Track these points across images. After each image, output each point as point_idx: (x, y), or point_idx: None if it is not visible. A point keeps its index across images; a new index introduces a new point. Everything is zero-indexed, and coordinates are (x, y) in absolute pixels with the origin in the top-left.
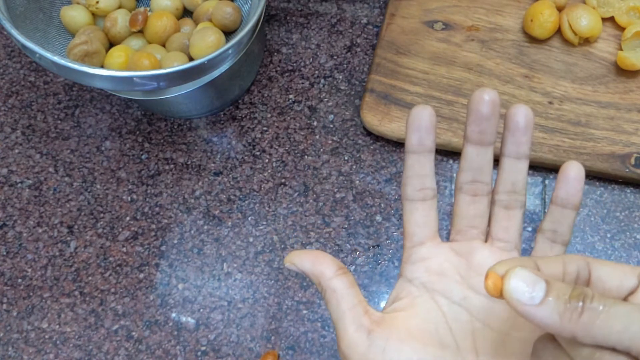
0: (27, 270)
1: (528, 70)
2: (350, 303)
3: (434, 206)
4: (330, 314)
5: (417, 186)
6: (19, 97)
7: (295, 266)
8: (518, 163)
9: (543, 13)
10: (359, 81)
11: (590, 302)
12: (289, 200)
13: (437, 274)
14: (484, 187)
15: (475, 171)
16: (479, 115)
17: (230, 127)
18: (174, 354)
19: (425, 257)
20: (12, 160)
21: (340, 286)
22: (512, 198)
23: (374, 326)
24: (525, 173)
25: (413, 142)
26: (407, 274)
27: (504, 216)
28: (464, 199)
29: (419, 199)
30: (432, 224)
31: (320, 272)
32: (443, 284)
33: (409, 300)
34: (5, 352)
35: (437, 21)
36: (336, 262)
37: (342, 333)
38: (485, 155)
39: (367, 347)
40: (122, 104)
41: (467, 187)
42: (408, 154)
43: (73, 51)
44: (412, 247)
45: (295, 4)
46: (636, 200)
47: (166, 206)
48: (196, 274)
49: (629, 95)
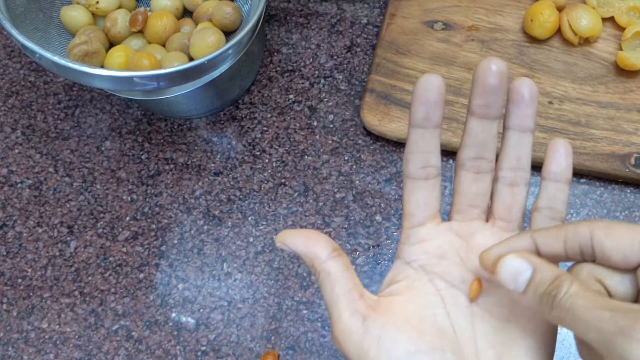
0: (27, 270)
1: (528, 70)
2: (345, 287)
3: (437, 185)
4: (324, 298)
5: (420, 164)
6: (19, 97)
7: (287, 246)
8: (523, 137)
9: (543, 13)
10: (359, 81)
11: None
12: (289, 200)
13: (436, 256)
14: (487, 164)
15: (479, 147)
16: (486, 87)
17: (230, 127)
18: (174, 354)
19: (425, 238)
20: (12, 160)
21: (335, 269)
22: (517, 175)
23: (370, 311)
24: (529, 148)
25: (419, 116)
26: (405, 256)
27: (508, 194)
28: (466, 176)
29: (421, 177)
30: (433, 205)
31: (314, 254)
32: (442, 267)
33: (407, 283)
34: (5, 352)
35: (437, 21)
36: (331, 242)
37: (337, 318)
38: (490, 130)
39: (362, 335)
40: (122, 104)
41: (470, 164)
42: (413, 128)
43: (73, 51)
44: (410, 228)
45: (295, 4)
46: (636, 200)
47: (166, 206)
48: (196, 274)
49: (629, 95)
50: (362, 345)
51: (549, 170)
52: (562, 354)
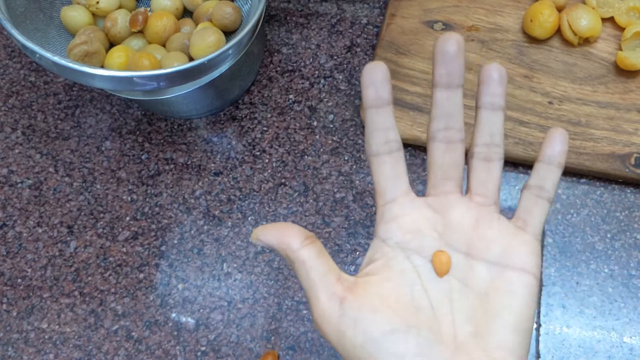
0: (27, 270)
1: (528, 71)
2: (321, 272)
3: (401, 159)
4: (302, 285)
5: (381, 139)
6: (19, 97)
7: (261, 241)
8: (494, 114)
9: (543, 13)
10: (359, 81)
11: None
12: (289, 200)
13: (412, 231)
14: (457, 134)
15: (447, 117)
16: (446, 55)
17: (230, 127)
18: (173, 354)
19: (399, 214)
20: (12, 160)
21: (308, 256)
22: (491, 150)
23: (347, 293)
24: (501, 125)
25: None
26: (381, 234)
27: (483, 168)
28: (438, 147)
29: (384, 152)
30: (402, 178)
31: (287, 244)
32: (418, 242)
33: (383, 261)
34: (5, 352)
35: (437, 21)
36: (303, 231)
37: (315, 302)
38: (455, 98)
39: (339, 318)
40: (122, 104)
41: (441, 135)
42: (367, 109)
43: (73, 51)
44: (384, 205)
45: (295, 4)
46: (636, 200)
47: (166, 206)
48: (196, 274)
49: (629, 95)
50: (339, 328)
51: (543, 153)
52: (562, 354)
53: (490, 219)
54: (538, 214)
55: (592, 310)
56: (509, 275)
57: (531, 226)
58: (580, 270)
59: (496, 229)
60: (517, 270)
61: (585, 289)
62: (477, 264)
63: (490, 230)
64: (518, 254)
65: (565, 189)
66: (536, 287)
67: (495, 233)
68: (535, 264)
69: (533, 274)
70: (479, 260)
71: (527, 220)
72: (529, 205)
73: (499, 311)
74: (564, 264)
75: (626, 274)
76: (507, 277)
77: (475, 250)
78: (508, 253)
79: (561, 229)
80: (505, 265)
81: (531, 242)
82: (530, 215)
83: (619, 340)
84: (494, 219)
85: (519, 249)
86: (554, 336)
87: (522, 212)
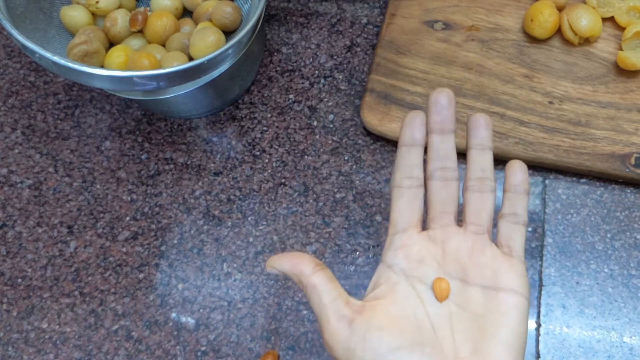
0: (27, 270)
1: (528, 70)
2: (331, 296)
3: (419, 195)
4: (313, 308)
5: (406, 174)
6: (19, 97)
7: (276, 269)
8: (484, 153)
9: (543, 13)
10: (359, 81)
11: None
12: (289, 200)
13: (416, 260)
14: (452, 172)
15: (442, 158)
16: (439, 105)
17: (230, 127)
18: (173, 354)
19: (406, 244)
20: (12, 160)
21: (320, 281)
22: (483, 183)
23: (355, 315)
24: (491, 162)
25: (407, 137)
26: (388, 260)
27: (477, 199)
28: (435, 185)
29: (406, 186)
30: (415, 213)
31: (300, 271)
32: (421, 271)
33: (388, 287)
34: (5, 352)
35: (437, 21)
36: (314, 260)
37: (325, 324)
38: (448, 142)
39: (348, 337)
40: (122, 104)
41: (437, 174)
42: (400, 147)
43: (73, 51)
44: (394, 234)
45: (295, 4)
46: (636, 200)
47: (166, 206)
48: (196, 274)
49: (629, 95)
50: (349, 346)
51: (509, 183)
52: (562, 354)
53: (483, 246)
54: (518, 238)
55: (592, 310)
56: (501, 297)
57: (515, 251)
58: (580, 270)
59: (488, 255)
60: (509, 292)
61: (585, 289)
62: (473, 289)
63: (483, 257)
64: (507, 278)
65: (565, 189)
66: (527, 307)
67: (487, 259)
68: (524, 286)
69: (523, 294)
70: (474, 285)
71: (510, 246)
72: (509, 232)
73: (494, 330)
74: (564, 264)
75: (626, 274)
76: (500, 299)
77: (470, 277)
78: (499, 277)
79: (561, 229)
80: (497, 288)
81: (518, 265)
82: (512, 241)
83: (618, 340)
84: (486, 246)
85: (508, 273)
86: (554, 336)
87: (504, 239)
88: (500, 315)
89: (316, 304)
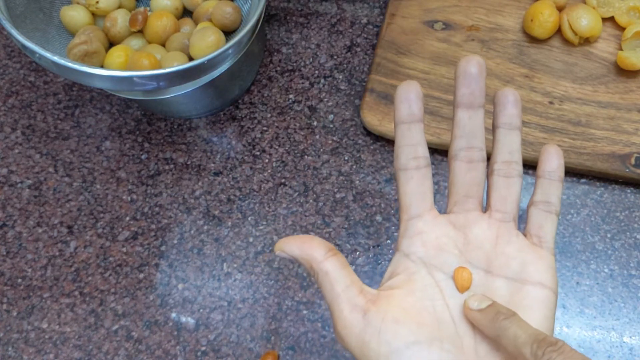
0: (27, 270)
1: (528, 70)
2: (344, 284)
3: (428, 175)
4: (325, 297)
5: (410, 154)
6: (19, 97)
7: (285, 252)
8: (512, 133)
9: (543, 13)
10: (359, 81)
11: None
12: (289, 200)
13: (435, 248)
14: (478, 153)
15: (468, 136)
16: (468, 76)
17: (230, 127)
18: (173, 354)
19: (423, 230)
20: (12, 160)
21: (332, 268)
22: (510, 167)
23: (370, 305)
24: (519, 143)
25: (403, 113)
26: (404, 248)
27: (503, 185)
28: (460, 166)
29: (412, 167)
30: (427, 195)
31: (311, 256)
32: (441, 259)
33: (406, 276)
34: (5, 352)
35: (437, 21)
36: (326, 243)
37: (338, 314)
38: (477, 118)
39: (362, 328)
40: (122, 104)
41: (463, 154)
42: (399, 125)
43: (73, 51)
44: (408, 220)
45: (295, 4)
46: (636, 200)
47: (166, 206)
48: (196, 274)
49: (629, 95)
50: (363, 339)
51: (543, 169)
52: None
53: (509, 235)
54: (549, 228)
55: (592, 310)
56: (527, 290)
57: (545, 241)
58: (580, 270)
59: (515, 245)
60: (535, 286)
61: (585, 289)
62: (497, 280)
63: (508, 247)
64: (535, 270)
65: (565, 189)
66: (554, 301)
67: (513, 250)
68: (552, 279)
69: (551, 288)
70: (499, 276)
71: (540, 236)
72: (540, 220)
73: None
74: (564, 264)
75: (626, 274)
76: (525, 292)
77: (494, 267)
78: (526, 269)
79: (561, 229)
80: (523, 281)
81: (547, 257)
82: (542, 230)
83: (618, 340)
84: (512, 235)
85: (536, 264)
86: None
87: (534, 228)
88: (525, 310)
89: (328, 292)
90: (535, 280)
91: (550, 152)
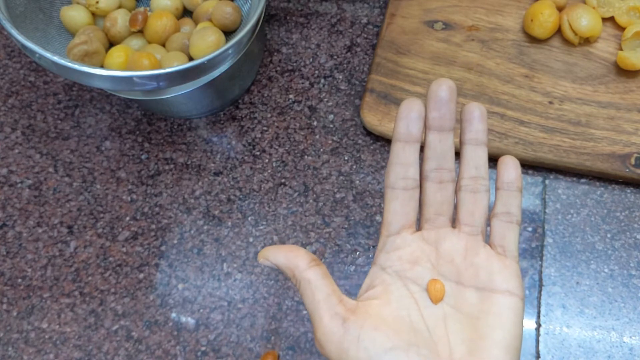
0: (27, 270)
1: (528, 70)
2: (325, 292)
3: (414, 197)
4: (305, 305)
5: (400, 174)
6: (19, 97)
7: (269, 261)
8: (478, 149)
9: (543, 13)
10: (359, 81)
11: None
12: (289, 200)
13: (410, 262)
14: (448, 174)
15: (439, 158)
16: (438, 100)
17: (230, 127)
18: (173, 354)
19: (400, 246)
20: (12, 160)
21: (314, 277)
22: (477, 182)
23: (349, 314)
24: (485, 159)
25: (401, 130)
26: (381, 262)
27: (470, 200)
28: (431, 186)
29: (400, 187)
30: (410, 215)
31: (294, 265)
32: (415, 272)
33: (383, 288)
34: (5, 352)
35: (437, 21)
36: (309, 254)
37: (318, 322)
38: (446, 141)
39: (342, 335)
40: (122, 104)
41: (433, 175)
42: (395, 142)
43: (73, 51)
44: (387, 236)
45: (295, 4)
46: (636, 200)
47: (166, 206)
48: (196, 274)
49: (629, 95)
50: (342, 345)
51: (502, 180)
52: (562, 354)
53: (477, 247)
54: (512, 238)
55: (592, 310)
56: (496, 298)
57: (509, 250)
58: (580, 270)
59: (482, 256)
60: (503, 294)
61: (585, 289)
62: (467, 291)
63: (477, 258)
64: (502, 278)
65: (565, 189)
66: (522, 307)
67: (481, 260)
68: (519, 286)
69: (517, 295)
70: (469, 287)
71: (504, 246)
72: (502, 231)
73: (489, 332)
74: (564, 264)
75: (626, 274)
76: (494, 300)
77: (465, 278)
78: (493, 278)
79: (561, 229)
80: (492, 289)
81: (512, 265)
82: (505, 240)
83: (618, 340)
84: (480, 247)
85: (502, 273)
86: (554, 336)
87: (497, 239)
88: (495, 317)
89: (309, 300)
90: (502, 288)
91: (508, 163)
